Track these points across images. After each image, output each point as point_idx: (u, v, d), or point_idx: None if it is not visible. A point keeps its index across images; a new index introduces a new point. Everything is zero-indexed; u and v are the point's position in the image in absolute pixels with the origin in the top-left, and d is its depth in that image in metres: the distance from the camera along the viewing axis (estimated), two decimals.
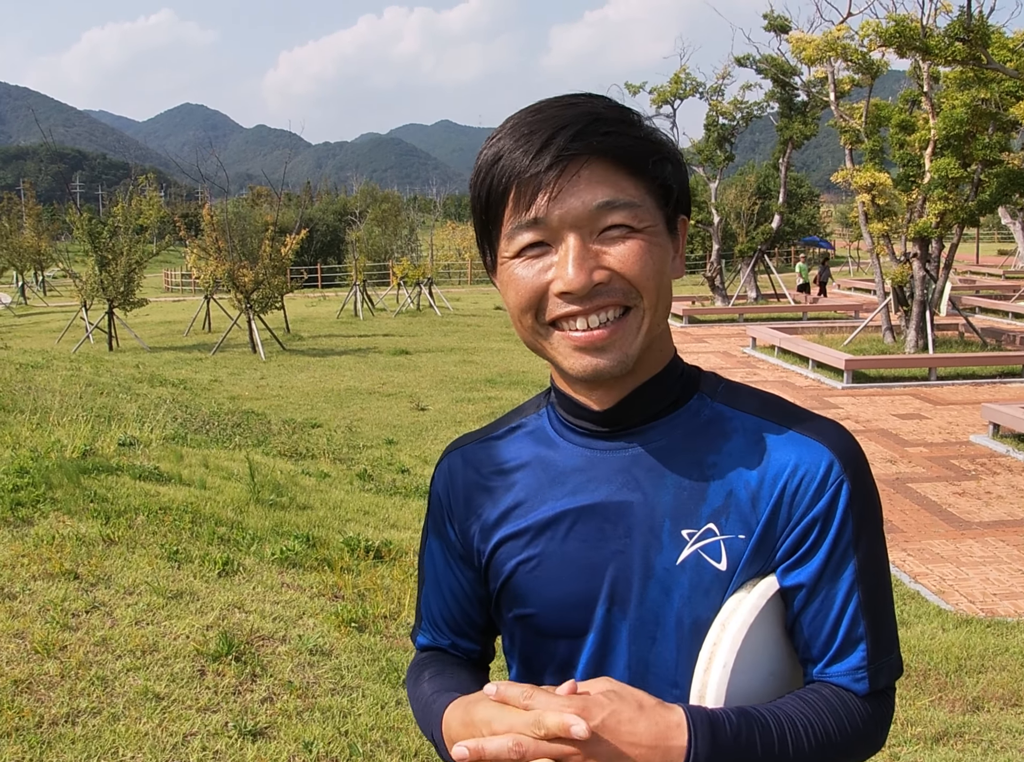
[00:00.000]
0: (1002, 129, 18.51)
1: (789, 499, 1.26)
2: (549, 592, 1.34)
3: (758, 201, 38.30)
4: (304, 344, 24.51)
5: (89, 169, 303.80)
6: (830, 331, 22.72)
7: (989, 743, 4.72)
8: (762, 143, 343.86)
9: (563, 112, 1.21)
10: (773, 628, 1.29)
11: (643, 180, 1.22)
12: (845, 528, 1.25)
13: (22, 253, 48.26)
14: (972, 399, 15.35)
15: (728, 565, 1.26)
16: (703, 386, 1.37)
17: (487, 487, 1.42)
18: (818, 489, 1.25)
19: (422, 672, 1.50)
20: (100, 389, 14.16)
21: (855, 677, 1.28)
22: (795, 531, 1.26)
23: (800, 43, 20.98)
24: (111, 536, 5.94)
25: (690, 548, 1.27)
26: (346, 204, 76.13)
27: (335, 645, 4.94)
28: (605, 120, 1.20)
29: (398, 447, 12.09)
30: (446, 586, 1.51)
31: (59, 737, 3.74)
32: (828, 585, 1.26)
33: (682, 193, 1.29)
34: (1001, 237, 72.78)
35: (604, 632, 1.32)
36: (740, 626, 1.24)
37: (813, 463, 1.26)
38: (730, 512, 1.27)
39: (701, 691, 1.26)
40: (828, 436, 1.29)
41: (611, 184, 1.19)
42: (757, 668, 1.28)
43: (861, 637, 1.27)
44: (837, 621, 1.27)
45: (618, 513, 1.30)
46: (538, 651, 1.39)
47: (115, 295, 24.44)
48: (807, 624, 1.28)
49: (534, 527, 1.35)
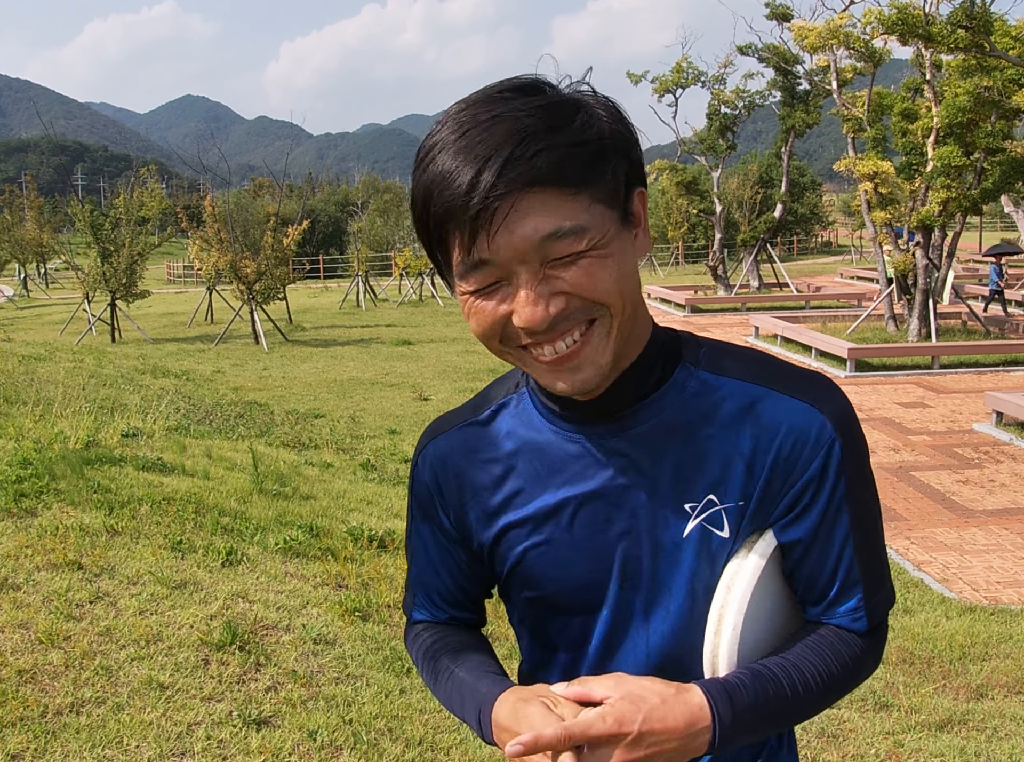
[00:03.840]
0: (1005, 117, 18.44)
1: (784, 462, 1.28)
2: (560, 575, 1.36)
3: (760, 190, 38.22)
4: (307, 335, 24.51)
5: (91, 161, 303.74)
6: (833, 320, 22.69)
7: (993, 730, 4.72)
8: (764, 132, 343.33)
9: (486, 135, 1.10)
10: (773, 579, 1.34)
11: (586, 192, 1.14)
12: (839, 485, 1.29)
13: (24, 245, 48.28)
14: (975, 387, 15.33)
15: (731, 532, 1.30)
16: (685, 355, 1.34)
17: (481, 475, 1.41)
18: (811, 450, 1.28)
19: (439, 656, 1.49)
20: (103, 381, 14.17)
21: (853, 617, 1.34)
22: (791, 492, 1.29)
23: (802, 31, 20.92)
24: (115, 527, 5.94)
25: (694, 521, 1.30)
26: (348, 195, 76.06)
27: (339, 634, 4.94)
28: (531, 135, 1.10)
29: (401, 437, 12.09)
30: (442, 567, 1.51)
31: (64, 727, 3.75)
32: (824, 538, 1.31)
33: (632, 170, 1.20)
34: (1004, 226, 72.63)
35: (618, 608, 1.35)
36: (745, 587, 1.29)
37: (804, 425, 1.28)
38: (728, 481, 1.29)
39: (714, 652, 1.31)
40: (816, 395, 1.31)
41: (551, 211, 1.11)
42: (763, 620, 1.33)
43: (857, 581, 1.33)
44: (834, 570, 1.32)
45: (620, 496, 1.32)
46: (551, 627, 1.41)
47: (117, 287, 24.46)
48: (806, 574, 1.33)
49: (538, 515, 1.35)
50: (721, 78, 33.41)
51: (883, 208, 19.64)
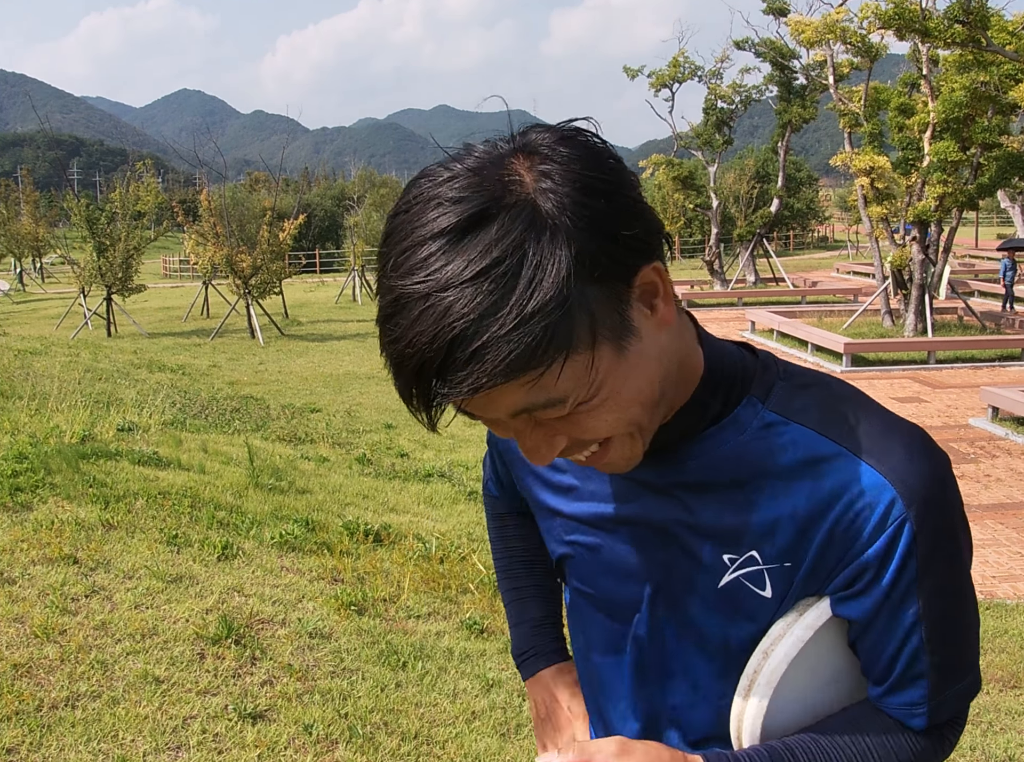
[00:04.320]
0: (1001, 112, 18.46)
1: (842, 534, 1.11)
2: (601, 583, 1.30)
3: (757, 185, 38.23)
4: (303, 329, 24.50)
5: (87, 155, 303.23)
6: (829, 315, 22.72)
7: (988, 725, 4.73)
8: (761, 127, 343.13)
9: (416, 331, 0.91)
10: (830, 643, 1.18)
11: (548, 368, 0.92)
12: (905, 570, 1.09)
13: (20, 240, 48.22)
14: (971, 382, 15.36)
15: (774, 592, 1.15)
16: (755, 387, 1.18)
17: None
18: (876, 528, 1.09)
19: (497, 551, 1.72)
20: (99, 375, 14.16)
21: (911, 713, 1.16)
22: (848, 569, 1.12)
23: (799, 26, 20.93)
24: (110, 521, 5.93)
25: (731, 574, 1.17)
26: (344, 189, 75.93)
27: (335, 628, 4.94)
28: (463, 335, 0.89)
29: (397, 431, 12.09)
30: (503, 471, 1.61)
31: (59, 720, 3.74)
32: (884, 624, 1.13)
33: (618, 270, 0.96)
34: (1000, 221, 72.72)
35: (653, 635, 1.27)
36: (782, 658, 1.16)
37: (872, 497, 1.09)
38: (775, 540, 1.14)
39: (739, 715, 1.21)
40: (893, 461, 1.10)
41: (514, 397, 0.95)
42: (802, 697, 1.20)
43: (922, 674, 1.14)
44: (894, 658, 1.14)
45: (660, 528, 1.21)
46: (593, 625, 1.36)
47: (113, 281, 24.44)
48: (863, 653, 1.17)
49: (583, 518, 1.29)
50: (718, 73, 33.49)
51: (879, 203, 19.66)
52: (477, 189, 0.92)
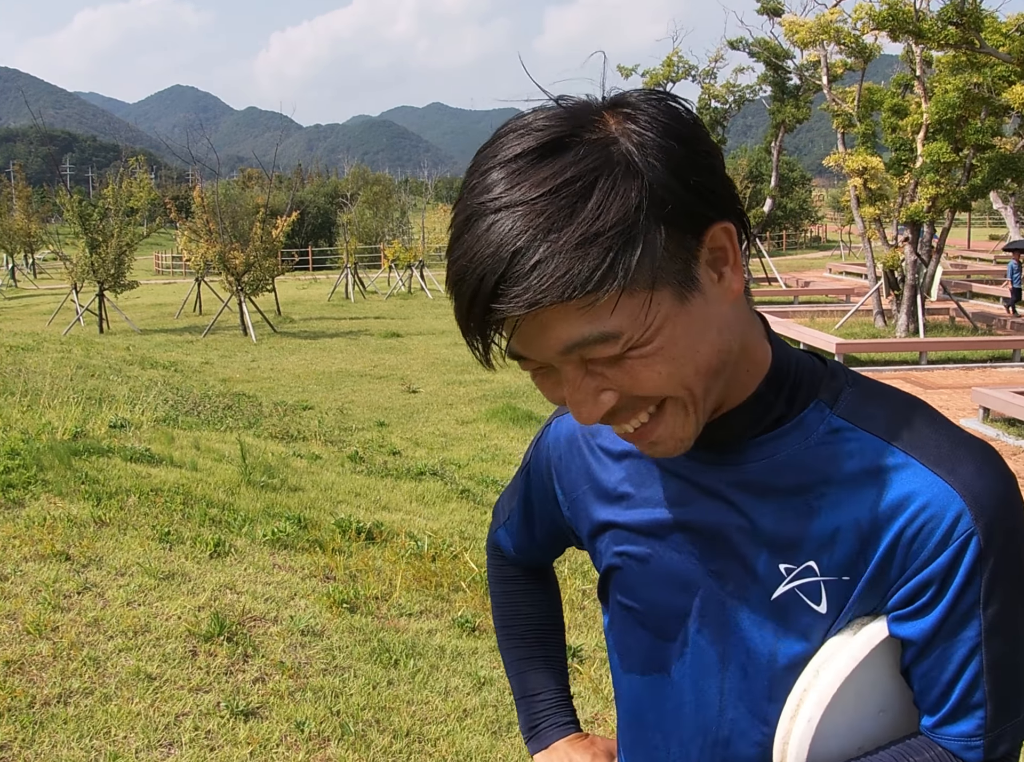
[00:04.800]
0: (994, 114, 18.51)
1: (905, 547, 1.07)
2: (649, 595, 1.26)
3: (750, 185, 38.31)
4: (295, 326, 24.48)
5: (79, 151, 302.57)
6: (821, 315, 22.77)
7: None
8: (754, 127, 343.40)
9: (482, 245, 0.93)
10: (882, 668, 1.14)
11: (606, 294, 0.92)
12: (969, 588, 1.05)
13: (12, 235, 48.14)
14: (963, 383, 15.40)
15: (828, 607, 1.11)
16: (823, 391, 1.15)
17: (596, 463, 1.33)
18: (941, 541, 1.05)
19: (509, 617, 1.63)
20: (91, 371, 14.14)
21: (968, 744, 1.11)
22: (909, 584, 1.08)
23: (793, 26, 20.97)
24: (102, 517, 5.93)
25: (787, 585, 1.13)
26: (337, 186, 75.89)
27: (327, 626, 4.95)
28: (528, 248, 0.91)
29: (389, 429, 12.09)
30: (543, 514, 1.50)
31: (51, 717, 3.75)
32: (943, 646, 1.08)
33: (687, 218, 0.96)
34: (992, 222, 72.89)
35: (696, 651, 1.23)
36: (834, 677, 1.11)
37: (939, 508, 1.05)
38: (835, 550, 1.10)
39: (785, 738, 1.15)
40: (963, 475, 1.06)
41: (567, 324, 0.95)
42: (858, 710, 1.15)
43: (980, 703, 1.09)
44: (951, 684, 1.09)
45: (714, 535, 1.18)
46: (636, 645, 1.31)
47: (105, 277, 24.39)
48: (918, 678, 1.12)
49: (635, 526, 1.26)
50: (711, 72, 33.52)
51: (872, 204, 19.71)
52: (562, 120, 0.95)
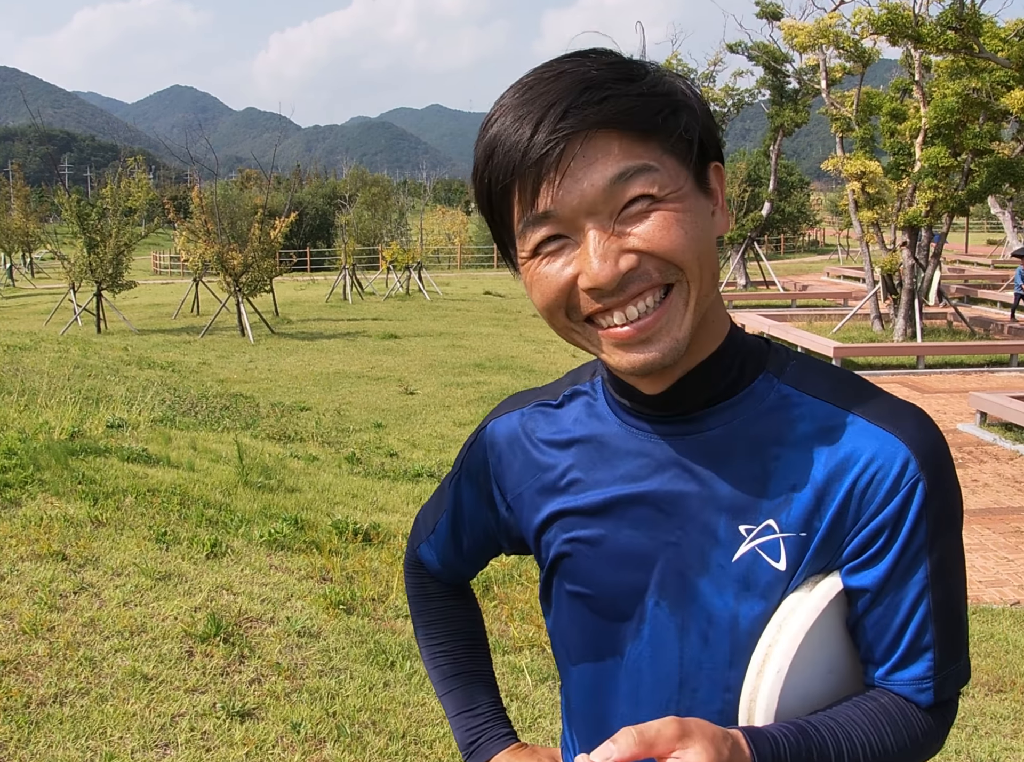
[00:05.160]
0: (993, 118, 18.52)
1: (858, 498, 1.15)
2: (601, 577, 1.28)
3: (748, 188, 38.28)
4: (293, 327, 24.46)
5: (78, 151, 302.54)
6: (819, 318, 22.78)
7: (974, 728, 4.76)
8: (753, 130, 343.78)
9: (552, 86, 1.06)
10: (834, 627, 1.20)
11: (656, 140, 1.06)
12: (917, 532, 1.14)
13: (10, 235, 48.08)
14: (960, 387, 15.40)
15: (788, 564, 1.17)
16: (770, 364, 1.24)
17: (540, 457, 1.35)
18: (890, 489, 1.14)
19: (436, 635, 1.65)
20: (88, 371, 14.13)
21: (919, 687, 1.19)
22: (863, 532, 1.16)
23: (792, 30, 20.99)
24: (99, 517, 5.93)
25: (747, 545, 1.18)
26: (336, 188, 75.89)
27: (323, 627, 4.94)
28: (599, 85, 1.05)
29: (387, 431, 12.08)
30: (473, 523, 1.50)
31: (47, 717, 3.74)
32: (895, 591, 1.17)
33: (707, 139, 1.12)
34: (990, 227, 72.94)
35: (655, 626, 1.25)
36: (798, 629, 1.16)
37: (886, 459, 1.14)
38: (792, 508, 1.17)
39: (752, 695, 1.19)
40: (906, 427, 1.16)
41: (619, 154, 1.05)
42: (814, 668, 1.20)
43: (928, 646, 1.18)
44: (902, 628, 1.18)
45: (672, 504, 1.22)
46: (587, 633, 1.32)
47: (103, 277, 24.35)
48: (870, 627, 1.19)
49: (586, 509, 1.28)
50: (710, 76, 33.51)
51: (870, 208, 19.71)
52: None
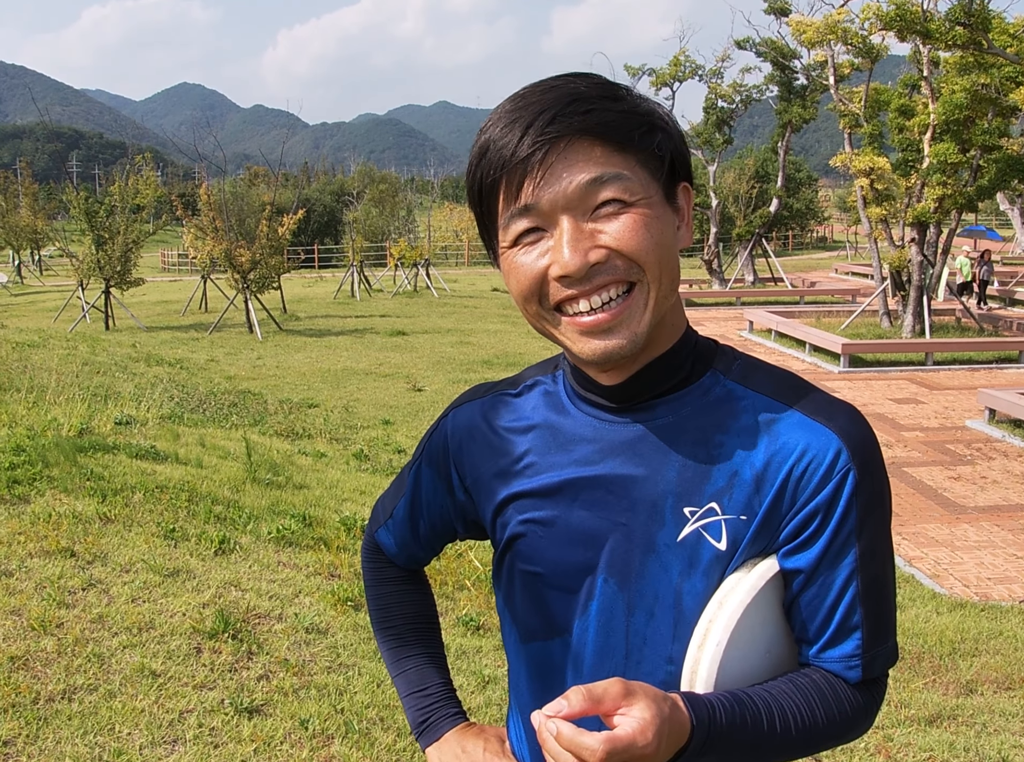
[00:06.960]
0: (1002, 115, 18.47)
1: (794, 484, 1.25)
2: (553, 556, 1.36)
3: (756, 185, 38.26)
4: (301, 324, 24.47)
5: (86, 148, 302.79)
6: (827, 315, 22.73)
7: (982, 726, 4.74)
8: (761, 127, 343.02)
9: (543, 97, 1.20)
10: (770, 607, 1.29)
11: (631, 153, 1.20)
12: (848, 517, 1.25)
13: (18, 232, 48.11)
14: (968, 384, 15.38)
15: (728, 545, 1.26)
16: (717, 362, 1.35)
17: (499, 443, 1.44)
18: (824, 476, 1.24)
19: (390, 618, 1.71)
20: (96, 368, 14.15)
21: (848, 664, 1.29)
22: (798, 517, 1.26)
23: (800, 26, 20.94)
24: (108, 514, 5.94)
25: (691, 526, 1.27)
26: (343, 185, 75.88)
27: (331, 623, 4.95)
28: (585, 99, 1.18)
29: (394, 427, 12.09)
30: (431, 508, 1.58)
31: (55, 713, 3.75)
32: (826, 572, 1.26)
33: (677, 159, 1.26)
34: (999, 223, 72.73)
35: (603, 603, 1.33)
36: (737, 605, 1.25)
37: (820, 449, 1.25)
38: (733, 492, 1.27)
39: (694, 667, 1.26)
40: (839, 422, 1.27)
41: (597, 160, 1.18)
42: (752, 645, 1.28)
43: (857, 625, 1.28)
44: (833, 608, 1.27)
45: (622, 487, 1.31)
46: (537, 611, 1.40)
47: (112, 274, 24.38)
48: (804, 607, 1.29)
49: (541, 491, 1.37)
50: (718, 72, 33.45)
51: (879, 204, 19.66)
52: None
